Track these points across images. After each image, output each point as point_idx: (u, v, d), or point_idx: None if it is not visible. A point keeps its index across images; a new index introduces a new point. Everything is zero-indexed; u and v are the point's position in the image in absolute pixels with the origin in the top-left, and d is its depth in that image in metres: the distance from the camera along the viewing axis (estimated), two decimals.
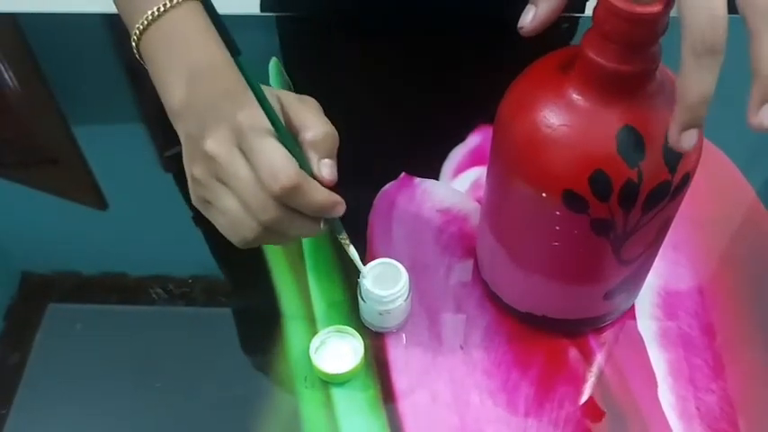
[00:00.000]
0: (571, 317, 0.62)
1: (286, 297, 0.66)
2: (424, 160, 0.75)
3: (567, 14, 0.91)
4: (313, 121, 0.55)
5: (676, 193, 0.51)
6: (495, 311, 0.66)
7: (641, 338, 0.65)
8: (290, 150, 0.52)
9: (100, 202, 0.75)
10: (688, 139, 0.43)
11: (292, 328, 0.64)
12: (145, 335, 0.64)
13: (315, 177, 0.54)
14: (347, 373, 0.60)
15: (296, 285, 0.67)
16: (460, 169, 0.76)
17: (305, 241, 0.69)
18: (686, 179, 0.51)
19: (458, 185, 0.74)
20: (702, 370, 0.63)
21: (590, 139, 0.48)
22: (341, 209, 0.56)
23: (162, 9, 0.54)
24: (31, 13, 0.92)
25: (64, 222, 0.73)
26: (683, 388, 0.62)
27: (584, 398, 0.61)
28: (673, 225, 0.63)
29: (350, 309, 0.65)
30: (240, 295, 0.67)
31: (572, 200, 0.50)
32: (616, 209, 0.49)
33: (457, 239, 0.70)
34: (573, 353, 0.64)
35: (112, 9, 0.92)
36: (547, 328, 0.64)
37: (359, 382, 0.61)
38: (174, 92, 0.54)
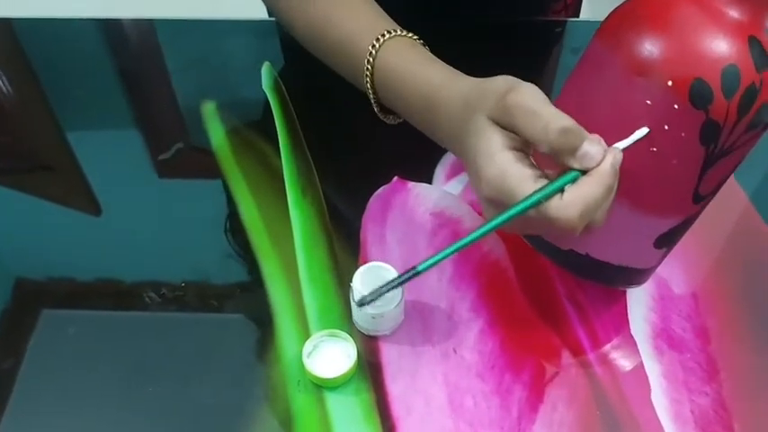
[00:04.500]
0: (614, 261, 0.61)
1: (279, 301, 0.66)
2: (417, 164, 0.75)
3: (562, 19, 0.92)
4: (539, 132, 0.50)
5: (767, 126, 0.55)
6: (493, 307, 0.66)
7: (634, 341, 0.65)
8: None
9: (94, 208, 0.75)
10: None
11: (285, 332, 0.64)
12: (137, 339, 0.64)
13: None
14: (340, 377, 0.60)
15: (289, 289, 0.67)
16: (453, 173, 0.76)
17: (298, 245, 0.69)
18: None
19: (451, 189, 0.74)
20: (696, 373, 0.63)
21: (728, 35, 0.51)
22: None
23: None
24: (26, 19, 0.92)
25: (58, 228, 0.73)
26: (677, 391, 0.62)
27: (577, 401, 0.61)
28: None
29: (343, 313, 0.65)
30: (233, 300, 0.67)
31: (699, 90, 0.51)
32: (733, 111, 0.51)
33: (450, 242, 0.70)
34: (566, 356, 0.64)
35: (107, 14, 0.93)
36: (581, 273, 0.62)
37: (352, 387, 0.61)
38: None
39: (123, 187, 0.76)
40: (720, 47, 0.51)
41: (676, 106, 0.52)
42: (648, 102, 0.52)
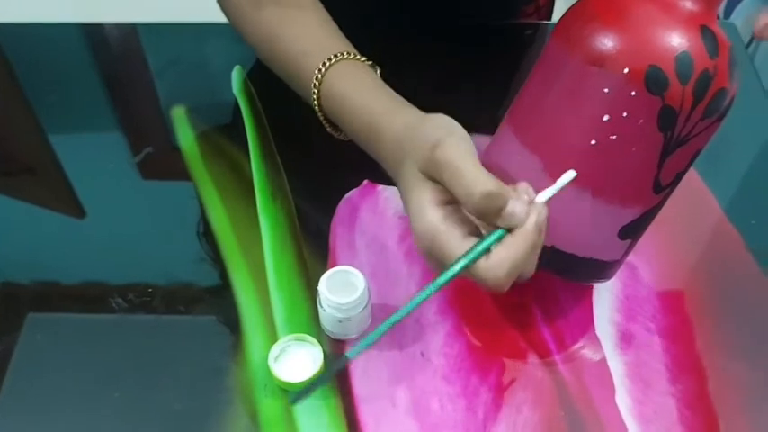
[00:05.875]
0: (580, 252, 0.61)
1: (246, 306, 0.67)
2: None
3: (533, 21, 0.92)
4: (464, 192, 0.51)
5: (723, 116, 0.56)
6: (455, 315, 0.66)
7: (599, 342, 0.65)
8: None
9: (77, 211, 0.75)
10: None
11: (252, 336, 0.65)
12: (104, 344, 0.65)
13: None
14: (306, 381, 0.61)
15: (256, 293, 0.67)
16: None
17: (266, 249, 0.70)
18: (730, 104, 0.56)
19: None
20: (661, 374, 0.64)
21: (680, 24, 0.54)
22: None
23: None
24: (8, 24, 0.92)
25: (39, 231, 0.73)
26: (641, 392, 0.62)
27: (542, 402, 0.62)
28: None
29: (310, 317, 0.66)
30: (200, 304, 0.67)
31: (655, 77, 0.53)
32: (689, 97, 0.53)
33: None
34: (532, 357, 0.64)
35: (89, 19, 0.94)
36: (549, 267, 0.62)
37: (318, 391, 0.62)
38: None
39: (105, 190, 0.76)
40: (673, 35, 0.53)
41: (633, 93, 0.53)
42: (606, 90, 0.54)
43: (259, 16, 0.67)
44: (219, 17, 0.81)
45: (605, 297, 0.68)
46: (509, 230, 0.51)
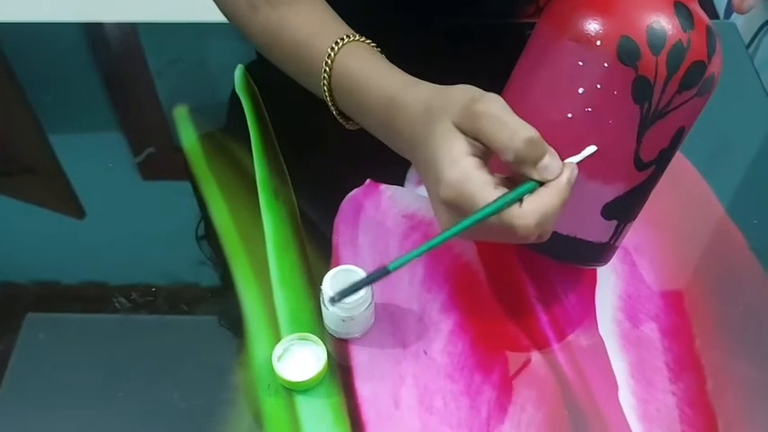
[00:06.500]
0: (563, 230, 0.61)
1: (250, 305, 0.67)
2: (390, 167, 0.75)
3: (533, 21, 0.92)
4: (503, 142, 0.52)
5: (704, 92, 0.57)
6: (458, 314, 0.66)
7: (602, 341, 0.65)
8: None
9: (77, 211, 0.75)
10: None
11: (256, 335, 0.65)
12: (107, 344, 0.65)
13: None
14: (309, 380, 0.61)
15: (260, 293, 0.67)
16: None
17: (269, 248, 0.70)
18: (711, 81, 0.57)
19: (423, 191, 0.74)
20: (663, 372, 0.64)
21: (655, 1, 0.56)
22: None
23: None
24: (8, 23, 0.92)
25: (39, 232, 0.73)
26: (644, 390, 0.63)
27: (545, 401, 0.62)
28: (634, 228, 0.64)
29: (314, 316, 0.66)
30: (203, 304, 0.68)
31: (627, 47, 0.54)
32: (662, 68, 0.55)
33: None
34: (535, 356, 0.64)
35: (89, 19, 0.94)
36: (533, 246, 0.61)
37: (322, 389, 0.62)
38: None
39: (105, 190, 0.76)
40: (647, 9, 0.55)
41: (606, 64, 0.55)
42: (580, 63, 0.56)
43: (257, 12, 0.67)
44: (220, 16, 0.81)
45: (608, 296, 0.68)
46: (541, 184, 0.52)
